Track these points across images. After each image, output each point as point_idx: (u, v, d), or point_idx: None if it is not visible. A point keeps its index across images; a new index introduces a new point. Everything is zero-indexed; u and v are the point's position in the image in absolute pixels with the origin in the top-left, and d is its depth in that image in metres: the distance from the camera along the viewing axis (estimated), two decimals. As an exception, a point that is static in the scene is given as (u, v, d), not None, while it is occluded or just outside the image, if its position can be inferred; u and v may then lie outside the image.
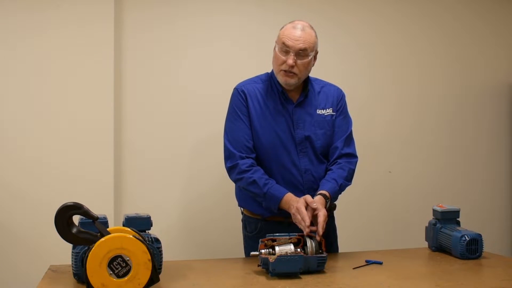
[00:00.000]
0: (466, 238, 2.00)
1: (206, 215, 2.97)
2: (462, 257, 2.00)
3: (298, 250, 1.78)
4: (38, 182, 2.73)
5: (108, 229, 1.53)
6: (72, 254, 1.61)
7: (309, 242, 1.79)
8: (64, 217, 1.47)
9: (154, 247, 1.64)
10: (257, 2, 3.06)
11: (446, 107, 3.37)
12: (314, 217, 1.88)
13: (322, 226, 1.85)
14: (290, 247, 1.77)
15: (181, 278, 1.71)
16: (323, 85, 2.22)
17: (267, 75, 2.19)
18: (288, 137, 2.10)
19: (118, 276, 1.45)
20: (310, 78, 2.17)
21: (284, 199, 1.98)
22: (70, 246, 1.61)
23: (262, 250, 1.78)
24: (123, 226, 1.66)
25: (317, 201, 1.92)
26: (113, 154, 2.80)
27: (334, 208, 2.24)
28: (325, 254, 1.79)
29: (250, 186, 2.04)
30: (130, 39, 2.88)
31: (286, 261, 1.69)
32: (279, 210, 2.01)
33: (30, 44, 2.72)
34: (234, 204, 2.27)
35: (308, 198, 1.92)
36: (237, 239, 2.32)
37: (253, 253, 1.82)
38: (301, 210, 1.88)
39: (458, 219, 2.18)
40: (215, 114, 2.48)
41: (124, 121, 2.87)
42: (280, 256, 1.70)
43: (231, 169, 2.09)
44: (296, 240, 1.81)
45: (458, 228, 2.11)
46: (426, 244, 2.23)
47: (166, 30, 2.93)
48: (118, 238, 1.46)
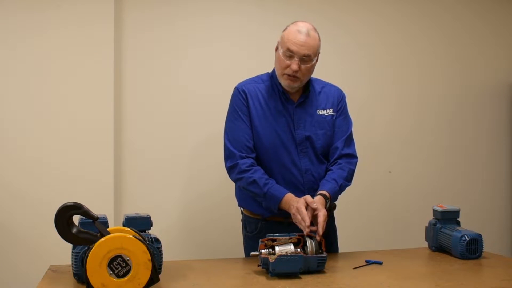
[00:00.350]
0: (466, 238, 2.00)
1: (206, 215, 2.97)
2: (462, 257, 2.00)
3: (298, 250, 1.78)
4: (38, 182, 2.73)
5: (108, 229, 1.53)
6: (72, 254, 1.61)
7: (309, 242, 1.79)
8: (64, 217, 1.47)
9: (154, 247, 1.64)
10: (257, 2, 3.05)
11: (446, 107, 3.37)
12: (314, 217, 1.88)
13: (322, 226, 1.85)
14: (290, 247, 1.77)
15: (181, 278, 1.71)
16: (324, 85, 2.23)
17: (268, 75, 2.19)
18: (288, 137, 2.10)
19: (118, 276, 1.45)
20: (311, 79, 2.17)
21: (284, 199, 1.98)
22: (70, 246, 1.61)
23: (262, 250, 1.78)
24: (123, 226, 1.66)
25: (317, 201, 1.92)
26: (113, 154, 2.80)
27: (334, 208, 2.24)
28: (325, 254, 1.79)
29: (250, 186, 2.04)
30: (130, 39, 2.88)
31: (286, 261, 1.69)
32: (279, 210, 2.01)
33: (30, 44, 2.72)
34: (234, 204, 2.27)
35: (308, 198, 1.92)
36: (237, 239, 2.32)
37: (253, 253, 1.82)
38: (301, 210, 1.88)
39: (458, 219, 2.18)
40: (215, 114, 2.48)
41: (124, 121, 2.87)
42: (280, 256, 1.70)
43: (231, 168, 2.09)
44: (296, 240, 1.81)
45: (458, 228, 2.11)
46: (426, 244, 2.23)
47: (166, 30, 2.93)
48: (118, 238, 1.46)
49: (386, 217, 3.25)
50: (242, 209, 2.26)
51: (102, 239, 1.45)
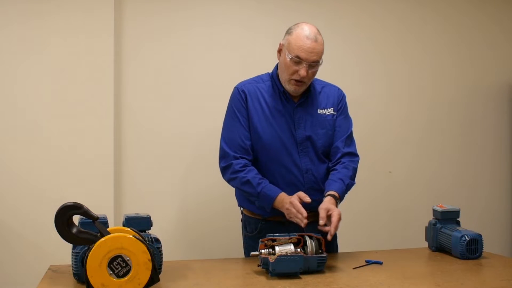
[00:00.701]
0: (466, 238, 2.00)
1: (206, 215, 2.97)
2: (462, 257, 2.00)
3: (298, 250, 1.78)
4: (38, 182, 2.72)
5: (108, 229, 1.52)
6: (72, 254, 1.61)
7: (309, 242, 1.79)
8: (64, 217, 1.47)
9: (154, 247, 1.64)
10: (256, 6, 3.05)
11: (445, 108, 3.36)
12: (328, 217, 1.88)
13: (336, 226, 1.85)
14: (290, 247, 1.77)
15: (181, 278, 1.71)
16: (324, 85, 2.23)
17: (268, 75, 2.19)
18: (289, 137, 2.09)
19: (118, 276, 1.45)
20: (311, 79, 2.17)
21: (277, 199, 1.98)
22: (70, 246, 1.61)
23: (262, 250, 1.78)
24: (123, 226, 1.66)
25: (327, 202, 1.92)
26: (113, 154, 2.80)
27: (334, 208, 2.24)
28: (325, 254, 1.79)
29: (244, 185, 2.04)
30: (130, 42, 2.87)
31: (286, 261, 1.69)
32: (272, 210, 2.01)
33: (30, 47, 2.72)
34: (234, 204, 2.27)
35: (301, 194, 1.92)
36: (237, 239, 2.32)
37: (253, 253, 1.82)
38: (295, 203, 1.89)
39: (458, 219, 2.18)
40: (215, 115, 2.47)
41: (124, 121, 2.87)
42: (280, 256, 1.70)
43: (225, 169, 2.09)
44: (296, 240, 1.81)
45: (458, 228, 2.11)
46: (426, 244, 2.23)
47: (166, 30, 2.93)
48: (118, 238, 1.46)
49: (386, 217, 3.25)
50: (242, 209, 2.26)
51: (102, 239, 1.45)
